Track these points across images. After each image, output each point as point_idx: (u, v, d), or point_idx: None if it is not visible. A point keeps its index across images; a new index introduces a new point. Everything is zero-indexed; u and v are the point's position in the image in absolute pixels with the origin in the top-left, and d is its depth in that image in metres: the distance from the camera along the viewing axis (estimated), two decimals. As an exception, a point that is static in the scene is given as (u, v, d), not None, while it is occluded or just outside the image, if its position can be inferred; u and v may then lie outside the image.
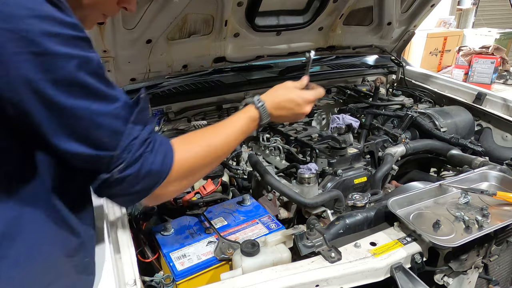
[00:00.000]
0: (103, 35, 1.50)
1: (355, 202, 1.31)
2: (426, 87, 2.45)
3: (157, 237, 1.23)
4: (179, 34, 1.76)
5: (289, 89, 1.14)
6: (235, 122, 1.01)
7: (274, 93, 1.12)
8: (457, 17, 8.69)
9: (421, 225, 1.15)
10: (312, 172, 1.48)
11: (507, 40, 7.55)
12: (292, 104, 1.12)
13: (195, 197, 1.42)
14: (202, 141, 0.90)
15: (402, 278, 1.02)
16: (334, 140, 1.69)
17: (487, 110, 2.05)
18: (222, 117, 2.10)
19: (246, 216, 1.35)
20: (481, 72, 6.82)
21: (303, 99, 1.13)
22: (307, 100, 1.14)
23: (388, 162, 1.72)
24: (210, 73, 2.25)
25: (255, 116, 1.05)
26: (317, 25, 2.14)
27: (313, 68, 2.53)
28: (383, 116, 2.16)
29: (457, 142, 1.82)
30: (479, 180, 1.40)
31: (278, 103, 1.10)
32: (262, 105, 1.06)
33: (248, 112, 1.05)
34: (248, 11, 1.82)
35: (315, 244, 1.09)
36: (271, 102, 1.08)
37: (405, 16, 2.35)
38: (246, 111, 1.05)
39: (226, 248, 1.15)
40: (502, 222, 1.14)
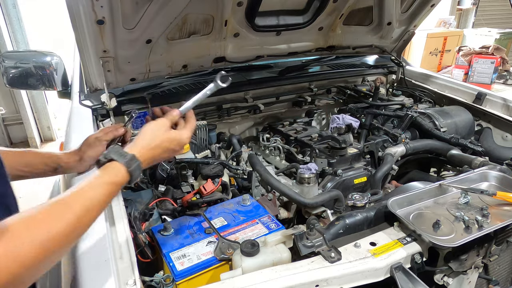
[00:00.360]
0: (103, 35, 1.50)
1: (355, 202, 1.31)
2: (426, 87, 2.45)
3: (157, 237, 1.23)
4: (179, 34, 1.76)
5: (160, 131, 0.99)
6: (90, 192, 0.77)
7: (142, 141, 0.95)
8: (457, 17, 8.69)
9: (421, 225, 1.15)
10: (312, 172, 1.48)
11: (507, 40, 7.55)
12: (166, 143, 0.99)
13: (195, 197, 1.42)
14: (40, 228, 0.65)
15: (402, 278, 1.02)
16: (334, 140, 1.69)
17: (487, 110, 2.05)
18: (222, 117, 2.10)
19: (246, 216, 1.35)
20: (481, 72, 6.82)
21: (176, 140, 1.01)
22: (180, 140, 1.02)
23: (388, 162, 1.72)
24: (210, 73, 2.25)
25: (121, 177, 0.85)
26: (317, 25, 2.13)
27: (313, 68, 2.53)
28: (383, 116, 2.16)
29: (457, 142, 1.82)
30: (479, 180, 1.40)
31: (150, 148, 0.96)
32: (131, 158, 0.87)
33: (111, 175, 0.83)
34: (248, 11, 1.82)
35: (315, 244, 1.09)
36: (142, 150, 0.93)
37: (405, 16, 2.35)
38: (107, 173, 0.83)
39: (226, 248, 1.15)
40: (502, 222, 1.14)
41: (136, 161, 0.88)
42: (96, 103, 1.79)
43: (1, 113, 4.94)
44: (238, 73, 2.32)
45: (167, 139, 0.99)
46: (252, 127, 2.32)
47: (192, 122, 1.08)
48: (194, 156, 1.71)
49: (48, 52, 1.97)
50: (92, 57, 1.57)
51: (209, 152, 1.79)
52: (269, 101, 2.25)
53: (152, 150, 0.96)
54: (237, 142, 1.91)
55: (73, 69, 2.16)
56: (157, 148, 0.97)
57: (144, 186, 1.50)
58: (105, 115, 1.79)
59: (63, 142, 1.64)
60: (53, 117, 5.37)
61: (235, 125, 2.24)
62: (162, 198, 1.42)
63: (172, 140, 1.00)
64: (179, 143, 1.02)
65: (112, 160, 0.86)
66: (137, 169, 0.88)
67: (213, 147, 1.84)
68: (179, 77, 2.14)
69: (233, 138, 1.93)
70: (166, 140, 0.99)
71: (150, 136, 0.98)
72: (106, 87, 1.69)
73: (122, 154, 0.88)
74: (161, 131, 0.99)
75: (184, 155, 1.68)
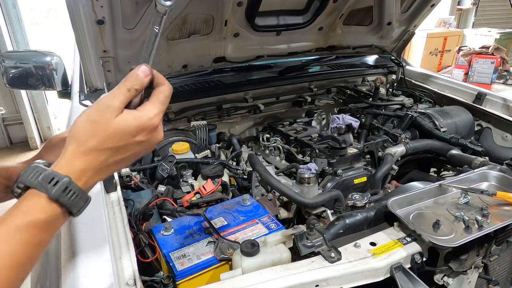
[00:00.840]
0: (103, 35, 1.50)
1: (355, 202, 1.31)
2: (426, 87, 2.45)
3: (157, 237, 1.23)
4: (179, 34, 1.76)
5: (103, 117, 0.62)
6: None
7: (76, 142, 0.61)
8: (457, 17, 8.69)
9: (421, 225, 1.15)
10: (312, 172, 1.48)
11: (507, 40, 7.55)
12: (123, 140, 0.63)
13: (195, 197, 1.42)
14: None
15: (402, 278, 1.02)
16: (334, 140, 1.69)
17: (487, 110, 2.05)
18: (222, 117, 2.10)
19: (246, 216, 1.35)
20: (481, 72, 6.82)
21: (139, 127, 0.64)
22: (145, 125, 0.65)
23: (388, 162, 1.72)
24: (210, 73, 2.25)
25: (49, 214, 0.57)
26: (317, 25, 2.13)
27: (313, 68, 2.53)
28: (383, 116, 2.16)
29: (457, 142, 1.82)
30: (479, 180, 1.40)
31: (92, 150, 0.61)
32: (63, 184, 0.57)
33: (29, 213, 0.56)
34: (248, 11, 1.82)
35: (315, 244, 1.09)
36: (79, 161, 0.60)
37: (405, 16, 2.35)
38: (23, 212, 0.56)
39: (226, 248, 1.15)
40: (502, 222, 1.14)
41: (70, 185, 0.58)
42: (96, 103, 1.79)
43: (1, 113, 4.94)
44: (238, 73, 2.32)
45: (120, 130, 0.62)
46: (252, 127, 2.32)
47: (161, 90, 0.69)
48: (194, 156, 1.71)
49: (48, 52, 1.97)
50: (92, 57, 1.57)
51: (209, 152, 1.79)
52: (269, 101, 2.25)
53: (97, 155, 0.61)
54: (237, 142, 1.91)
55: (73, 69, 2.16)
56: (105, 151, 0.62)
57: (144, 186, 1.50)
58: (105, 115, 1.79)
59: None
60: (53, 117, 5.37)
61: (235, 125, 2.24)
62: (162, 198, 1.42)
63: (130, 131, 0.63)
64: (146, 129, 0.65)
65: (30, 188, 0.57)
66: (78, 197, 0.59)
67: (213, 147, 1.83)
68: (179, 77, 2.14)
69: (233, 138, 1.93)
70: (119, 131, 0.62)
71: (88, 131, 0.61)
72: (106, 87, 1.69)
73: (46, 176, 0.57)
74: (105, 117, 0.62)
75: (184, 155, 1.68)
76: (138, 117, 0.65)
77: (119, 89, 0.65)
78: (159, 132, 0.68)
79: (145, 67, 0.68)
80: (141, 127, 0.64)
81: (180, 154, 1.67)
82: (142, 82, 0.67)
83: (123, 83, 0.66)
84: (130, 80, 0.66)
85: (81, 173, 0.60)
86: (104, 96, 0.65)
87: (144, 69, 0.67)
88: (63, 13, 5.35)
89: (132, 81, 0.66)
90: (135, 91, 0.66)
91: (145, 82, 0.67)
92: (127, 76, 0.66)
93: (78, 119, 0.63)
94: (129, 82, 0.66)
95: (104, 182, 1.19)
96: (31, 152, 5.02)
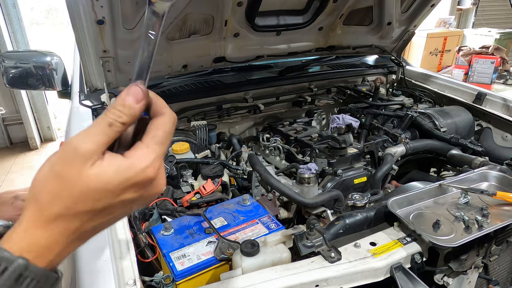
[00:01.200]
0: (103, 35, 1.50)
1: (355, 202, 1.31)
2: (426, 87, 2.45)
3: (157, 237, 1.23)
4: (179, 34, 1.76)
5: (71, 170, 0.44)
6: None
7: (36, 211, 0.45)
8: (457, 17, 8.69)
9: (421, 225, 1.15)
10: (312, 172, 1.48)
11: (507, 40, 7.55)
12: (103, 201, 0.46)
13: (195, 197, 1.42)
14: None
15: (402, 278, 1.02)
16: (334, 140, 1.69)
17: (487, 110, 2.05)
18: (222, 117, 2.10)
19: (246, 216, 1.35)
20: (481, 72, 6.82)
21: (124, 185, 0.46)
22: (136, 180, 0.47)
23: (388, 162, 1.72)
24: (210, 73, 2.25)
25: None
26: (317, 25, 2.13)
27: (313, 68, 2.53)
28: (383, 116, 2.16)
29: (457, 142, 1.83)
30: (479, 180, 1.40)
31: (56, 217, 0.45)
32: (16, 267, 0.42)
33: None
34: (248, 11, 1.82)
35: (315, 244, 1.09)
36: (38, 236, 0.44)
37: (405, 16, 2.35)
38: None
39: (226, 248, 1.15)
40: (502, 222, 1.14)
41: (26, 271, 0.42)
42: (96, 103, 1.79)
43: (1, 113, 4.94)
44: (238, 73, 2.32)
45: (97, 188, 0.45)
46: (252, 127, 2.32)
47: (160, 124, 0.50)
48: (194, 156, 1.71)
49: (48, 52, 1.97)
50: (92, 57, 1.57)
51: (209, 152, 1.79)
52: (269, 101, 2.25)
53: (66, 222, 0.45)
54: (237, 142, 1.91)
55: (73, 69, 2.17)
56: (77, 216, 0.45)
57: (144, 186, 1.49)
58: (105, 115, 1.79)
59: (63, 142, 1.63)
60: (53, 117, 5.38)
61: (235, 125, 2.24)
62: (162, 198, 1.42)
63: (112, 188, 0.46)
64: (136, 184, 0.47)
65: None
66: (39, 284, 0.44)
67: (213, 147, 1.83)
68: (179, 77, 2.14)
69: (233, 138, 1.93)
70: (95, 189, 0.45)
71: (52, 189, 0.45)
72: (106, 87, 1.69)
73: None
74: (74, 168, 0.44)
75: (184, 155, 1.68)
76: (124, 169, 0.46)
77: (96, 125, 0.46)
78: (157, 184, 0.50)
79: (136, 89, 0.48)
80: (128, 182, 0.46)
81: (180, 154, 1.67)
82: (132, 112, 0.47)
83: (103, 115, 0.47)
84: (113, 111, 0.46)
85: (45, 250, 0.44)
86: (75, 136, 0.45)
87: (135, 92, 0.48)
88: (63, 13, 5.36)
89: (116, 112, 0.47)
90: (121, 126, 0.47)
91: (136, 111, 0.48)
92: (112, 104, 0.47)
93: (39, 170, 0.46)
94: (111, 114, 0.46)
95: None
96: (31, 152, 5.02)
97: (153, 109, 0.51)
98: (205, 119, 1.97)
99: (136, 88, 0.48)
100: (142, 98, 0.48)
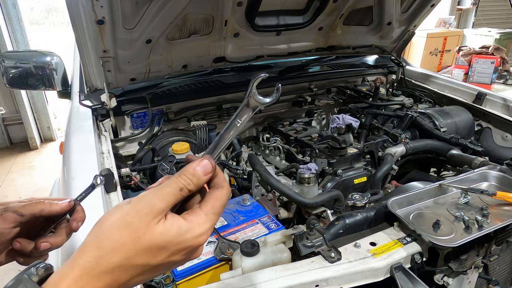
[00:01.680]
0: (103, 35, 1.50)
1: (355, 202, 1.31)
2: (426, 87, 2.45)
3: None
4: (179, 34, 1.76)
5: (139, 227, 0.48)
6: None
7: (95, 258, 0.46)
8: (457, 17, 8.69)
9: (421, 225, 1.15)
10: (312, 172, 1.48)
11: (507, 40, 7.55)
12: (158, 258, 0.49)
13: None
14: None
15: (402, 278, 1.02)
16: (334, 140, 1.69)
17: (487, 110, 2.05)
18: (222, 117, 2.10)
19: (246, 216, 1.35)
20: (481, 72, 6.82)
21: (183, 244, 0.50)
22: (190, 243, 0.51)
23: (388, 162, 1.72)
24: (210, 73, 2.25)
25: None
26: (317, 25, 2.13)
27: (313, 68, 2.53)
28: (383, 116, 2.16)
29: (457, 142, 1.83)
30: (479, 180, 1.40)
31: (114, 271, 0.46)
32: None
33: None
34: (248, 11, 1.82)
35: (315, 244, 1.09)
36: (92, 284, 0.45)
37: (405, 16, 2.35)
38: None
39: (226, 248, 1.15)
40: (502, 222, 1.14)
41: None
42: (96, 103, 1.79)
43: (1, 113, 4.94)
44: (238, 73, 2.32)
45: (159, 244, 0.48)
46: (252, 127, 2.32)
47: (219, 196, 0.55)
48: (194, 156, 1.71)
49: (48, 52, 1.97)
50: (92, 57, 1.57)
51: (209, 152, 1.79)
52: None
53: (119, 274, 0.47)
54: (237, 142, 1.91)
55: (73, 69, 2.17)
56: (131, 268, 0.47)
57: (144, 186, 1.50)
58: (105, 115, 1.79)
59: (63, 142, 1.64)
60: (53, 117, 5.38)
61: (235, 125, 2.24)
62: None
63: (170, 247, 0.49)
64: (187, 248, 0.51)
65: None
66: None
67: (213, 147, 1.83)
68: (179, 77, 2.14)
69: (233, 138, 1.93)
70: (157, 245, 0.48)
71: (118, 238, 0.47)
72: (106, 87, 1.69)
73: None
74: (145, 221, 0.48)
75: (184, 155, 1.68)
76: (184, 231, 0.49)
77: (170, 186, 0.51)
78: (200, 250, 0.54)
79: (207, 163, 0.54)
80: (183, 244, 0.49)
81: (180, 154, 1.67)
82: (199, 183, 0.53)
83: (176, 179, 0.52)
84: (184, 178, 0.52)
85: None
86: (151, 192, 0.50)
87: (205, 166, 0.54)
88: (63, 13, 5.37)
89: (187, 179, 0.52)
90: (187, 192, 0.52)
91: (203, 182, 0.54)
92: (183, 170, 0.52)
93: (109, 216, 0.48)
94: (183, 180, 0.52)
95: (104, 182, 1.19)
96: (31, 152, 5.02)
97: (215, 181, 0.56)
98: (205, 119, 1.97)
99: (207, 162, 0.55)
100: (210, 171, 0.54)
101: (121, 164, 1.68)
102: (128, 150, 1.90)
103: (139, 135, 1.90)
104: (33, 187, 4.12)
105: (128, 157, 1.89)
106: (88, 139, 1.47)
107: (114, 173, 1.26)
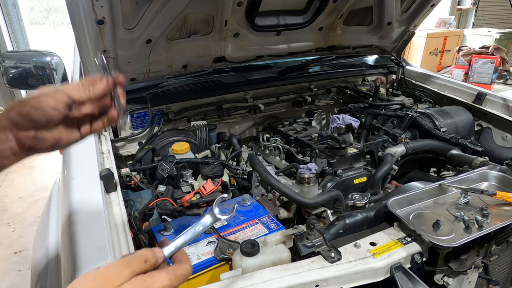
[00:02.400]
0: (103, 35, 1.50)
1: (355, 202, 1.31)
2: (426, 87, 2.45)
3: (157, 237, 1.23)
4: (179, 34, 1.76)
5: None
6: None
7: None
8: (457, 17, 8.69)
9: (421, 225, 1.15)
10: (312, 172, 1.48)
11: (507, 40, 7.55)
12: None
13: (195, 197, 1.42)
14: None
15: (402, 278, 1.02)
16: (334, 140, 1.69)
17: (487, 110, 2.05)
18: (222, 117, 2.10)
19: (246, 216, 1.35)
20: (481, 72, 6.83)
21: None
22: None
23: (388, 162, 1.72)
24: (210, 73, 2.25)
25: None
26: (317, 25, 2.14)
27: (313, 68, 2.53)
28: (383, 116, 2.16)
29: (457, 142, 1.83)
30: (479, 180, 1.40)
31: None
32: None
33: None
34: (248, 11, 1.82)
35: (315, 244, 1.09)
36: None
37: (405, 16, 2.35)
38: None
39: (226, 248, 1.15)
40: (502, 222, 1.14)
41: None
42: (96, 103, 1.78)
43: (1, 113, 4.94)
44: (238, 73, 2.32)
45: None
46: (252, 127, 2.32)
47: (183, 268, 0.64)
48: (194, 156, 1.71)
49: (48, 52, 1.97)
50: (92, 57, 1.57)
51: (209, 152, 1.79)
52: (269, 101, 2.25)
53: None
54: (237, 142, 1.91)
55: (73, 69, 2.16)
56: None
57: (144, 186, 1.50)
58: (105, 115, 1.79)
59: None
60: (53, 117, 5.37)
61: (235, 125, 2.24)
62: (162, 198, 1.42)
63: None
64: None
65: None
66: None
67: (213, 147, 1.84)
68: (179, 77, 2.14)
69: (233, 138, 1.93)
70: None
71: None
72: (106, 87, 1.69)
73: None
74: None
75: (184, 155, 1.68)
76: (148, 285, 0.56)
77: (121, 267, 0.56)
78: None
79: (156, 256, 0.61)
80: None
81: (180, 154, 1.67)
82: (145, 266, 0.59)
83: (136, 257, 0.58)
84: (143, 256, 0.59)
85: None
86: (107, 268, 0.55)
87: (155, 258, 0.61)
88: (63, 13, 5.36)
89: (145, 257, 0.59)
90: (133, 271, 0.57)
91: (149, 266, 0.59)
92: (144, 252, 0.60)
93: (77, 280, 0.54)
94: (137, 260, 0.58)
95: (104, 182, 1.19)
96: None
97: (178, 257, 0.66)
98: (205, 119, 1.97)
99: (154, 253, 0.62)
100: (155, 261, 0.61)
101: (121, 164, 1.68)
102: (128, 150, 1.90)
103: (139, 135, 1.90)
104: (33, 187, 4.12)
105: (128, 157, 1.89)
106: (88, 139, 1.47)
107: (114, 173, 1.26)
